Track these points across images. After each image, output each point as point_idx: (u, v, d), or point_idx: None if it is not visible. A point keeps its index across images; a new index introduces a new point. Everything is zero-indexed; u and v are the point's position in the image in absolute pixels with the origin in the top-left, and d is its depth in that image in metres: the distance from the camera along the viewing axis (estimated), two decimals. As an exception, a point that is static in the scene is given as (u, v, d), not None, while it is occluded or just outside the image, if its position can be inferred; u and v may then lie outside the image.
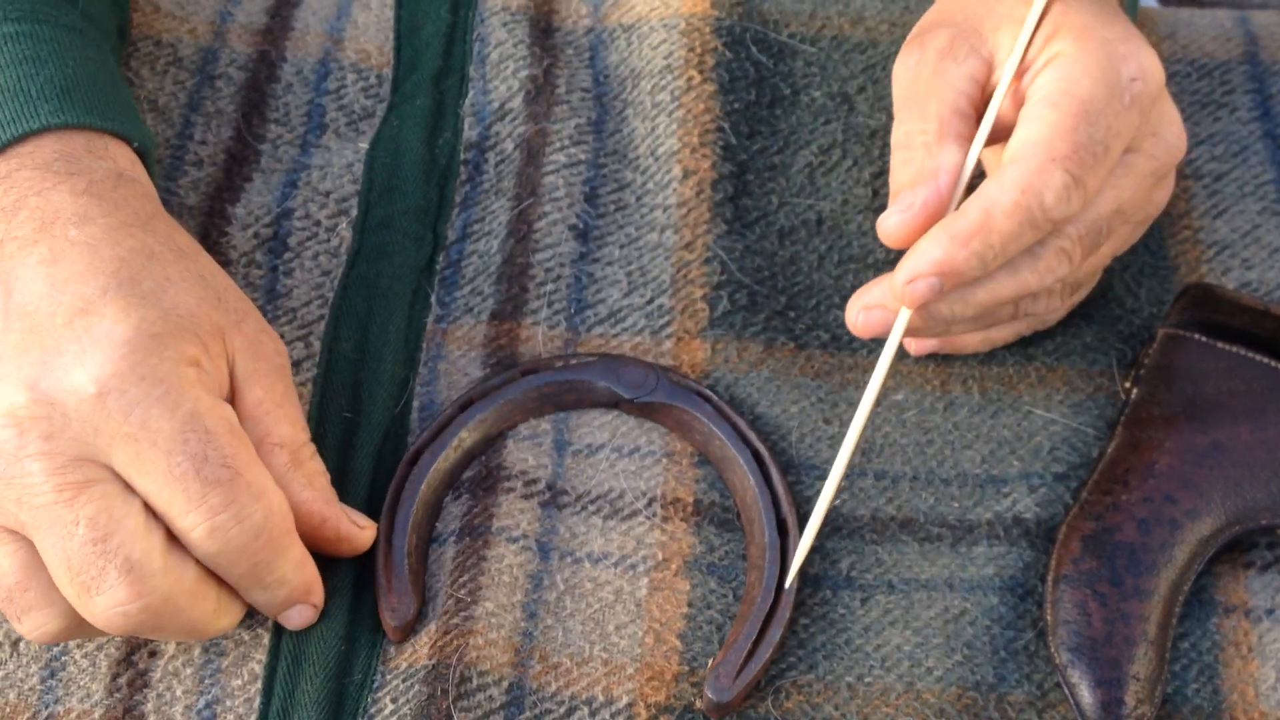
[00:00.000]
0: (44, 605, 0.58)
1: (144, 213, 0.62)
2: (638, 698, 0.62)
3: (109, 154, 0.63)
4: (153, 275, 0.59)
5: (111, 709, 0.62)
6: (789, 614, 0.63)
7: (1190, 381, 0.67)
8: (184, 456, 0.56)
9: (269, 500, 0.58)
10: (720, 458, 0.67)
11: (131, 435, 0.56)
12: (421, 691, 0.61)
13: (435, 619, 0.63)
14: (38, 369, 0.56)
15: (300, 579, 0.61)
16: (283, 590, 0.61)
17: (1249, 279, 0.73)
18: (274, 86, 0.79)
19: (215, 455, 0.57)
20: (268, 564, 0.59)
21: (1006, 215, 0.61)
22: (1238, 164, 0.77)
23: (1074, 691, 0.61)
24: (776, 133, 0.77)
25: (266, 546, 0.59)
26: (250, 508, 0.58)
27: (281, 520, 0.59)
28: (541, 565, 0.65)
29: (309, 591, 0.62)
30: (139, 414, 0.56)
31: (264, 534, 0.58)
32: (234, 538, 0.57)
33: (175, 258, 0.61)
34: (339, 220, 0.74)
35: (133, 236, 0.60)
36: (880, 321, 0.64)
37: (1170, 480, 0.65)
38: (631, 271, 0.73)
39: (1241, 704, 0.63)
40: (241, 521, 0.57)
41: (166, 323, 0.58)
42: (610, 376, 0.69)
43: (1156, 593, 0.63)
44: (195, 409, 0.57)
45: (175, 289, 0.59)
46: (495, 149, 0.76)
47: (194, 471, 0.56)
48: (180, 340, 0.58)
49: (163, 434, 0.56)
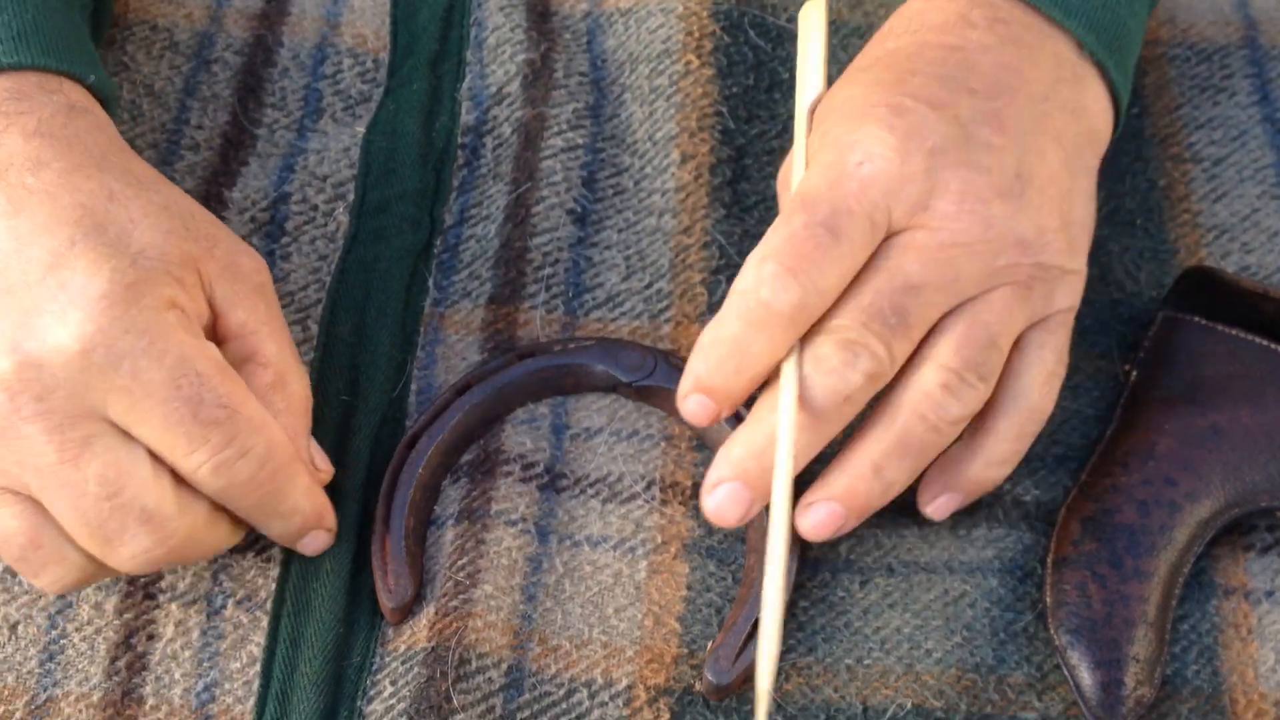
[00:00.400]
0: (59, 560, 0.59)
1: (98, 148, 0.61)
2: (637, 680, 0.62)
3: (61, 89, 0.63)
4: (116, 218, 0.59)
5: (110, 692, 0.62)
6: (789, 596, 0.63)
7: (1189, 364, 0.67)
8: (179, 402, 0.57)
9: (269, 432, 0.59)
10: (716, 441, 0.67)
11: (124, 388, 0.56)
12: (421, 674, 0.61)
13: (433, 601, 0.63)
14: (18, 331, 0.56)
15: (311, 505, 0.62)
16: (296, 519, 0.62)
17: (1248, 263, 0.73)
18: (270, 71, 0.79)
19: (210, 396, 0.57)
20: (277, 494, 0.60)
21: (728, 323, 0.60)
22: (1237, 148, 0.77)
23: (1074, 673, 0.61)
24: (775, 117, 0.76)
25: (273, 477, 0.59)
26: (250, 440, 0.58)
27: (284, 450, 0.60)
28: (540, 548, 0.65)
29: (321, 517, 0.63)
30: (128, 366, 0.56)
31: (268, 464, 0.59)
32: (239, 471, 0.58)
33: (135, 192, 0.60)
34: (336, 205, 0.74)
35: (90, 178, 0.59)
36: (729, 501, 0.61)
37: (1169, 463, 0.65)
38: (630, 256, 0.73)
39: (1241, 685, 0.63)
40: (244, 455, 0.58)
41: (138, 269, 0.57)
42: (609, 360, 0.68)
43: (1156, 574, 0.63)
44: (183, 353, 0.57)
45: (141, 228, 0.59)
46: (493, 133, 0.76)
47: (191, 415, 0.57)
48: (156, 284, 0.58)
49: (155, 383, 0.56)
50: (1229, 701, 0.62)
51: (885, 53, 0.66)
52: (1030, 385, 0.63)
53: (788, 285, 0.59)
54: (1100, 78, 0.67)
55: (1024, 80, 0.64)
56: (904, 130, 0.61)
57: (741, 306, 0.60)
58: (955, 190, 0.61)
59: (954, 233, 0.60)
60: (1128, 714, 0.60)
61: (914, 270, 0.60)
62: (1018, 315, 0.62)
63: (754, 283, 0.59)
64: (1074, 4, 0.66)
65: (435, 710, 0.60)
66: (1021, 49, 0.65)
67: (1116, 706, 0.60)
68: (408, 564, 0.63)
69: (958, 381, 0.61)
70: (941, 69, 0.63)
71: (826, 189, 0.60)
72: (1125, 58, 0.68)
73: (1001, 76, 0.64)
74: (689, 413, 0.61)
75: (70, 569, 0.59)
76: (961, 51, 0.64)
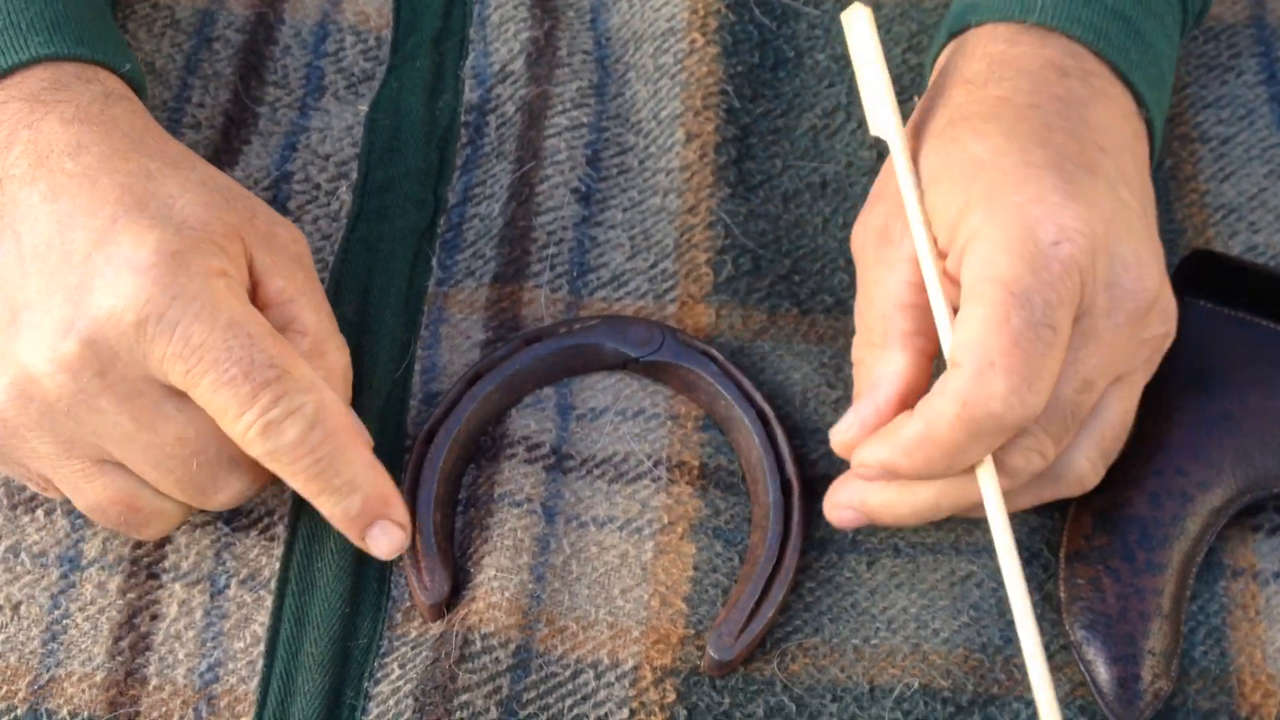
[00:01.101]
0: (158, 514, 0.61)
1: (134, 131, 0.61)
2: (643, 660, 0.62)
3: (97, 78, 0.63)
4: (156, 194, 0.59)
5: (113, 672, 0.62)
6: (792, 574, 0.63)
7: (1197, 349, 0.66)
8: (230, 364, 0.57)
9: (320, 393, 0.59)
10: (725, 418, 0.67)
11: (178, 354, 0.57)
12: (428, 656, 0.61)
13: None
14: (71, 310, 0.56)
15: (371, 484, 0.60)
16: (356, 497, 0.60)
17: (1256, 242, 0.73)
18: (272, 49, 0.78)
19: (260, 357, 0.57)
20: (331, 460, 0.59)
21: (950, 429, 0.56)
22: (1244, 127, 0.76)
23: (1090, 668, 0.61)
24: (780, 96, 0.76)
25: (325, 439, 0.58)
26: (299, 399, 0.58)
27: (337, 414, 0.59)
28: (548, 529, 0.64)
29: (386, 503, 0.61)
30: (180, 333, 0.56)
31: (318, 425, 0.58)
32: (287, 430, 0.58)
33: (174, 170, 0.60)
34: (339, 183, 0.74)
35: (128, 160, 0.60)
36: (854, 521, 0.62)
37: (1180, 452, 0.64)
38: (634, 235, 0.73)
39: (1249, 666, 0.63)
40: (293, 413, 0.58)
41: (183, 239, 0.58)
42: (616, 337, 0.68)
43: (1169, 566, 0.62)
44: (233, 317, 0.57)
45: (182, 202, 0.59)
46: (496, 111, 0.75)
47: (243, 376, 0.57)
48: (202, 252, 0.58)
49: (208, 347, 0.57)
50: (1237, 683, 0.62)
51: (996, 100, 0.62)
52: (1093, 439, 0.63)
53: (1025, 400, 0.56)
54: (1147, 137, 0.66)
55: (1123, 136, 0.63)
56: (1083, 200, 0.58)
57: (968, 415, 0.56)
58: (1132, 264, 0.59)
59: (1128, 312, 0.59)
60: (1145, 708, 0.60)
61: (1093, 366, 0.58)
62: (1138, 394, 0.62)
63: (983, 393, 0.56)
64: (1134, 59, 0.65)
65: (440, 690, 0.60)
66: (1109, 103, 0.63)
67: (1134, 701, 0.60)
68: (440, 559, 0.63)
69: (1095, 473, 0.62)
70: (1068, 124, 0.61)
71: (1033, 277, 0.56)
72: (1162, 116, 0.67)
73: (1112, 130, 0.62)
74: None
75: (170, 518, 0.62)
76: (1073, 106, 0.62)
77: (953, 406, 0.56)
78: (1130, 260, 0.59)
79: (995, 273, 0.57)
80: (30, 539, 0.65)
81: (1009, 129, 0.60)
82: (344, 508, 0.60)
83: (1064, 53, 0.64)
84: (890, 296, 0.61)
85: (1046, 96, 0.62)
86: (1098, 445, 0.61)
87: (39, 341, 0.56)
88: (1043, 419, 0.58)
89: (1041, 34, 0.64)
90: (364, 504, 0.60)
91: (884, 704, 0.61)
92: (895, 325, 0.61)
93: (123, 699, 0.61)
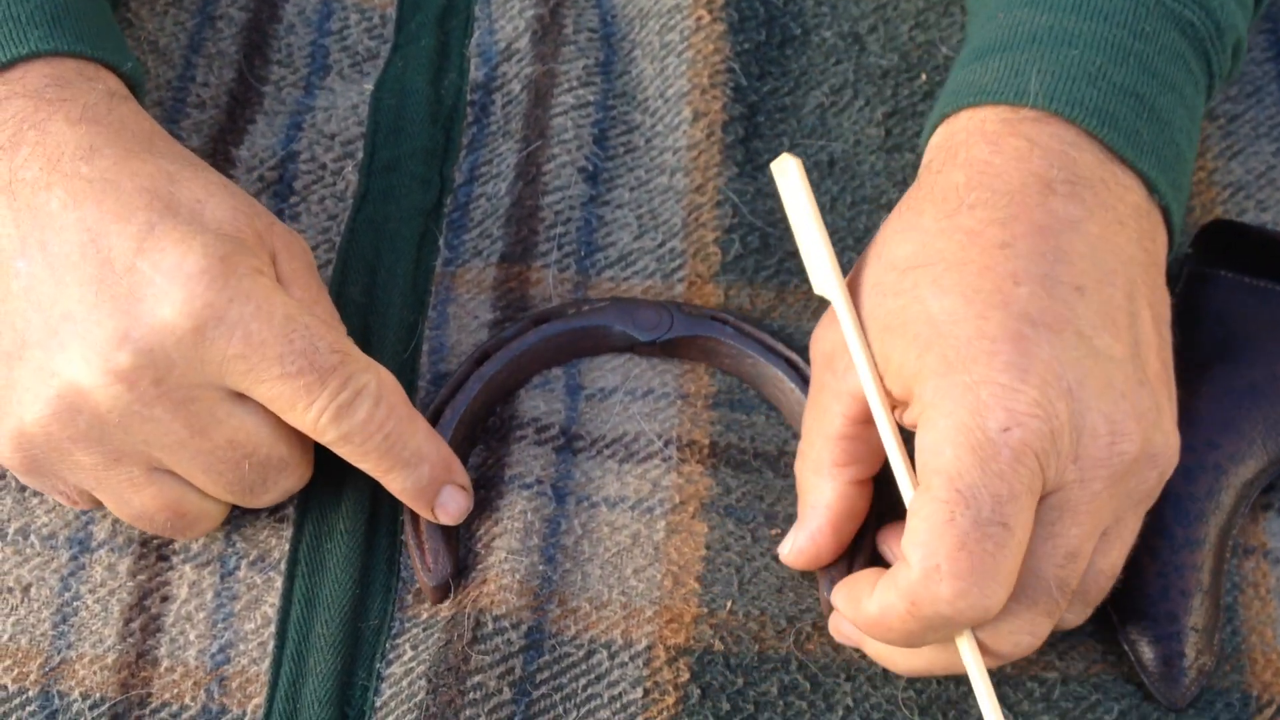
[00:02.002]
0: (204, 516, 0.62)
1: (143, 134, 0.61)
2: (657, 640, 0.62)
3: (99, 76, 0.62)
4: (184, 199, 0.59)
5: (124, 654, 0.62)
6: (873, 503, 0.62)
7: (1220, 321, 0.66)
8: (295, 355, 0.57)
9: (378, 370, 0.60)
10: (754, 375, 0.67)
11: (240, 355, 0.57)
12: (440, 638, 0.61)
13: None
14: (123, 320, 0.56)
15: (436, 451, 0.61)
16: (424, 467, 0.61)
17: (1264, 220, 0.73)
18: (276, 27, 0.78)
19: (322, 344, 0.58)
20: (399, 434, 0.60)
21: (902, 621, 0.55)
22: (1252, 105, 0.76)
23: (1134, 648, 0.61)
24: (787, 73, 0.76)
25: (390, 414, 0.59)
26: (363, 378, 0.59)
27: (395, 388, 0.60)
28: (558, 510, 0.64)
29: (450, 469, 0.62)
30: (240, 332, 0.57)
31: (383, 400, 0.59)
32: (358, 410, 0.58)
33: (192, 173, 0.60)
34: (344, 163, 0.73)
35: (146, 162, 0.59)
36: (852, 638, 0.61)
37: (1210, 425, 0.64)
38: (642, 214, 0.72)
39: (1260, 645, 0.63)
40: (360, 392, 0.58)
41: (223, 242, 0.58)
42: (625, 320, 0.68)
43: (1207, 541, 0.62)
44: (288, 311, 0.58)
45: (210, 205, 0.59)
46: (502, 90, 0.75)
47: (309, 366, 0.58)
48: (243, 254, 0.58)
49: (269, 343, 0.57)
50: (1248, 661, 0.62)
51: (965, 237, 0.58)
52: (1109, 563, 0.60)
53: (973, 601, 0.53)
54: (1164, 222, 0.62)
55: (1118, 253, 0.58)
56: (1039, 374, 0.54)
57: (918, 613, 0.54)
58: (1103, 432, 0.55)
59: (1104, 479, 0.55)
60: (1190, 684, 0.60)
61: (1073, 538, 0.55)
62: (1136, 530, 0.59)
63: (929, 595, 0.54)
64: (1145, 141, 0.60)
65: (453, 672, 0.60)
66: (1106, 212, 0.59)
67: (1179, 678, 0.60)
68: (443, 541, 0.62)
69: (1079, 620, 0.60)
70: (1040, 266, 0.57)
71: (980, 471, 0.53)
72: (1182, 195, 0.63)
73: (1099, 258, 0.58)
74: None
75: (214, 519, 0.62)
76: (1054, 236, 0.57)
77: (903, 603, 0.55)
78: (1100, 429, 0.55)
79: (941, 464, 0.54)
80: (39, 521, 0.64)
81: (971, 286, 0.56)
82: (415, 479, 0.61)
83: (1053, 157, 0.59)
84: (828, 427, 0.60)
85: (1023, 230, 0.57)
86: (1084, 600, 0.59)
87: (89, 353, 0.56)
88: (1026, 600, 0.56)
89: (1035, 124, 0.60)
90: (432, 472, 0.61)
91: (897, 683, 0.61)
92: (827, 456, 0.60)
93: (134, 680, 0.61)
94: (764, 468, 0.66)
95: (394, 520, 0.65)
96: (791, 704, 0.61)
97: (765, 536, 0.64)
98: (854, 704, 0.61)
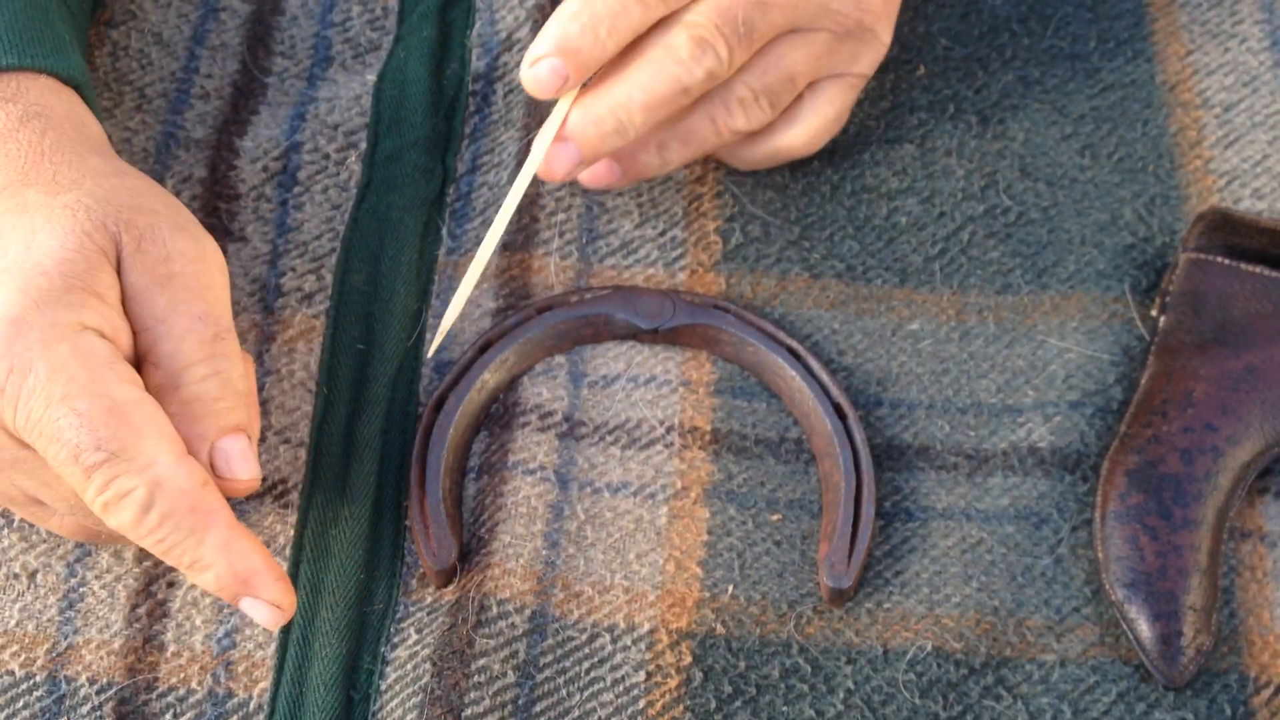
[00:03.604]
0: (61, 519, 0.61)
1: (34, 157, 0.59)
2: (659, 624, 0.62)
3: (20, 94, 0.61)
4: (19, 235, 0.57)
5: (131, 639, 0.62)
6: (875, 489, 0.64)
7: (1218, 306, 0.67)
8: (60, 445, 0.54)
9: (154, 474, 0.55)
10: (756, 363, 0.67)
11: (22, 427, 0.55)
12: (445, 622, 0.61)
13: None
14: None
15: (226, 565, 0.56)
16: (209, 574, 0.56)
17: (1260, 209, 0.73)
18: (279, 19, 0.78)
19: (88, 440, 0.54)
20: (175, 542, 0.55)
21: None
22: (1248, 94, 0.76)
23: (1132, 626, 0.61)
24: (786, 64, 0.76)
25: (162, 522, 0.55)
26: (128, 483, 0.55)
27: (176, 493, 0.55)
28: (561, 496, 0.65)
29: (245, 582, 0.56)
30: (21, 408, 0.55)
31: (153, 509, 0.55)
32: (122, 513, 0.55)
33: (51, 196, 0.58)
34: (348, 153, 0.74)
35: (14, 195, 0.58)
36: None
37: (1209, 408, 0.65)
38: (643, 203, 0.73)
39: (1257, 628, 0.63)
40: (124, 497, 0.55)
41: (26, 297, 0.55)
42: (628, 309, 0.68)
43: (1205, 522, 0.63)
44: (67, 392, 0.54)
45: (41, 237, 0.57)
46: (503, 79, 0.75)
47: (73, 459, 0.54)
48: (50, 308, 0.55)
49: (43, 424, 0.55)
50: (1245, 644, 0.63)
51: None
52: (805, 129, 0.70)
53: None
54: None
55: None
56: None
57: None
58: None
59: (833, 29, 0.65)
60: (1188, 663, 0.61)
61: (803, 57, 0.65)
62: (824, 62, 0.68)
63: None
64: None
65: (458, 655, 0.60)
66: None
67: (1177, 657, 0.61)
68: (448, 526, 0.63)
69: (752, 102, 0.67)
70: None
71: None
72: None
73: None
74: (537, 78, 0.64)
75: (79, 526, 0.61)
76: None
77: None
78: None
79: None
80: (46, 508, 0.65)
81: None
82: (202, 583, 0.57)
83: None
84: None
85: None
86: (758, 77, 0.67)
87: None
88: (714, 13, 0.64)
89: None
90: (219, 582, 0.56)
91: (897, 666, 0.62)
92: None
93: (141, 665, 0.62)
94: (765, 454, 0.67)
95: (398, 505, 0.65)
96: (793, 687, 0.61)
97: (766, 522, 0.65)
98: (855, 687, 0.61)
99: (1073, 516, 0.65)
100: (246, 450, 0.58)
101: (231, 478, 0.58)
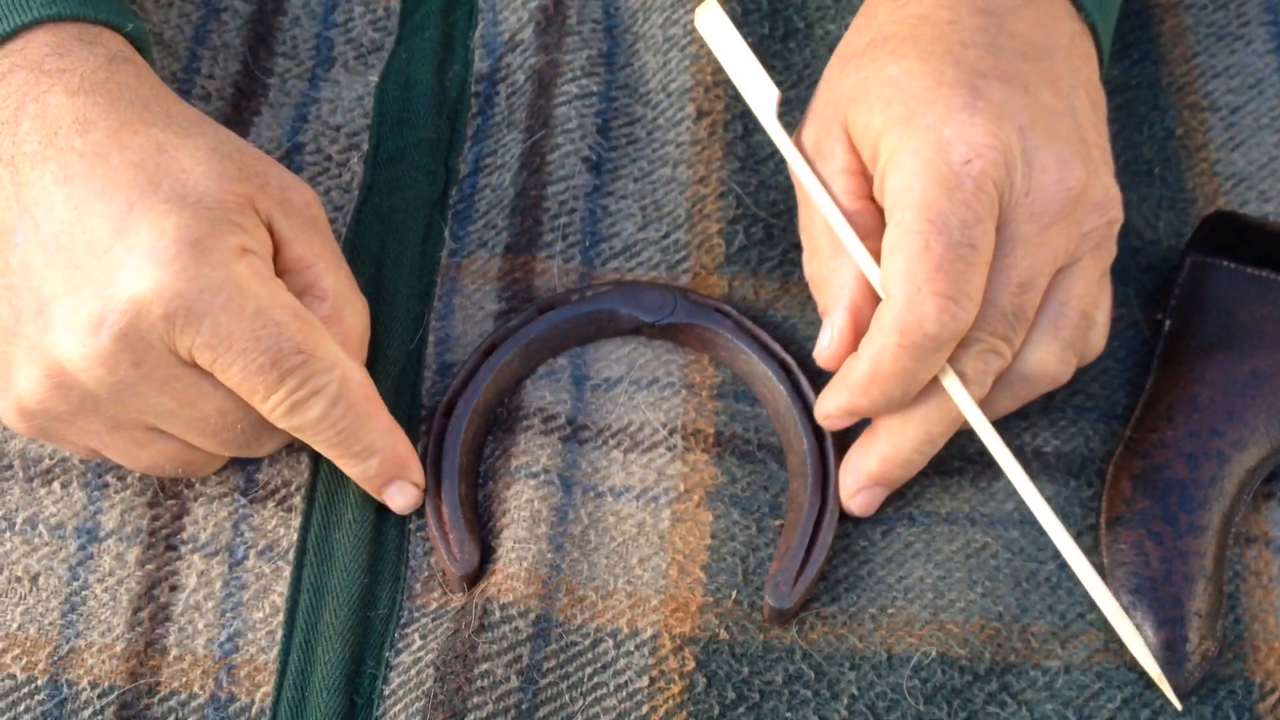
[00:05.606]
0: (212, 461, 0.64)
1: (140, 99, 0.61)
2: (662, 629, 0.62)
3: (100, 39, 0.62)
4: (169, 171, 0.59)
5: (133, 643, 0.62)
6: (837, 517, 0.64)
7: (1223, 310, 0.67)
8: (258, 353, 0.58)
9: (342, 369, 0.60)
10: (747, 372, 0.67)
11: (207, 344, 0.58)
12: (449, 627, 0.61)
13: None
14: (100, 305, 0.57)
15: (389, 447, 0.62)
16: (374, 460, 0.62)
17: (1266, 211, 0.73)
18: (280, 19, 0.78)
19: (288, 345, 0.59)
20: (352, 430, 0.61)
21: (895, 358, 0.60)
22: (1254, 96, 0.76)
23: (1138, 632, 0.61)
24: (790, 67, 0.76)
25: (347, 412, 0.61)
26: (323, 379, 0.60)
27: (358, 387, 0.61)
28: (565, 499, 0.65)
29: (402, 465, 0.63)
30: (209, 325, 0.57)
31: (340, 401, 0.60)
32: (312, 408, 0.60)
33: (183, 139, 0.60)
34: (350, 154, 0.73)
35: (137, 134, 0.60)
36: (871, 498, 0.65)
37: (1213, 413, 0.65)
38: (646, 206, 0.73)
39: (1263, 633, 0.63)
40: (317, 393, 0.60)
41: (200, 222, 0.58)
42: (630, 303, 0.68)
43: (1210, 527, 0.63)
44: (259, 305, 0.58)
45: (194, 176, 0.59)
46: (506, 81, 0.75)
47: (270, 364, 0.58)
48: (221, 234, 0.58)
49: (236, 337, 0.58)
50: (1251, 649, 0.63)
51: (915, 19, 0.64)
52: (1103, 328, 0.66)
53: (955, 314, 0.59)
54: (1091, 37, 0.67)
55: (1052, 36, 0.64)
56: (992, 113, 0.60)
57: (907, 342, 0.59)
58: (1051, 166, 0.61)
59: (1053, 214, 0.61)
60: (1193, 669, 0.61)
61: (1025, 268, 0.61)
62: (1098, 281, 0.64)
63: (916, 318, 0.59)
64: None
65: (461, 660, 0.60)
66: (1038, 7, 0.65)
67: (1182, 663, 0.61)
68: (467, 530, 0.63)
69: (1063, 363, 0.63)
70: (985, 36, 0.62)
71: (947, 200, 0.59)
72: (1108, 19, 0.68)
73: (1035, 36, 0.64)
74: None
75: (222, 460, 0.65)
76: (995, 16, 0.63)
77: (892, 337, 0.59)
78: (1049, 163, 0.61)
79: (912, 200, 0.59)
80: (48, 511, 0.65)
81: (924, 49, 0.62)
82: (361, 469, 0.62)
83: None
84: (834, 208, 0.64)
85: (965, 10, 0.63)
86: (1055, 336, 0.63)
87: (71, 337, 0.57)
88: (985, 324, 0.61)
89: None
90: (380, 466, 0.62)
91: (901, 672, 0.62)
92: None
93: (143, 669, 0.61)
94: (768, 458, 0.66)
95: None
96: (796, 693, 0.61)
97: (770, 526, 0.65)
98: (859, 693, 0.61)
99: (1077, 522, 0.65)
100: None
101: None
